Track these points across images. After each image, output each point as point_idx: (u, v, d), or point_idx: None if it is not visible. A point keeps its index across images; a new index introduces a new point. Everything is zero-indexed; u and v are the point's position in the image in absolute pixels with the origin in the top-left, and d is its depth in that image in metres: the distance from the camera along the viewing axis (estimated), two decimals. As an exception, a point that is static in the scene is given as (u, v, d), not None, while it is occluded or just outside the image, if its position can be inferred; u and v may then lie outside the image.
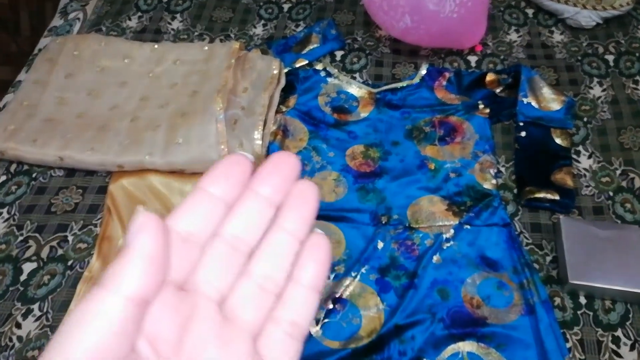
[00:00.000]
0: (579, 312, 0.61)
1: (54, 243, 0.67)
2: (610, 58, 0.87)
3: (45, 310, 0.61)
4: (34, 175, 0.74)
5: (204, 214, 0.19)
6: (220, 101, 0.72)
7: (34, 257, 0.66)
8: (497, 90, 0.80)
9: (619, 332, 0.59)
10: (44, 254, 0.66)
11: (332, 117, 0.79)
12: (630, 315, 0.60)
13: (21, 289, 0.63)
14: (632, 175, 0.72)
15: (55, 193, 0.72)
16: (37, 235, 0.68)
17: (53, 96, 0.79)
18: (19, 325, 0.60)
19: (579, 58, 0.87)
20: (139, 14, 0.97)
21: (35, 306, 0.62)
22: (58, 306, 0.62)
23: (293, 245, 0.20)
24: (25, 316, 0.61)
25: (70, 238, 0.68)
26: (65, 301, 0.62)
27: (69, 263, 0.65)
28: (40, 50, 0.88)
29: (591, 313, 0.61)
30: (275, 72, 0.80)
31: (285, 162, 0.20)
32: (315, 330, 0.59)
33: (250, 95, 0.77)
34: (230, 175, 0.20)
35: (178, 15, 0.96)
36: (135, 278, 0.16)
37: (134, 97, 0.79)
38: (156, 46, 0.84)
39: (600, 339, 0.59)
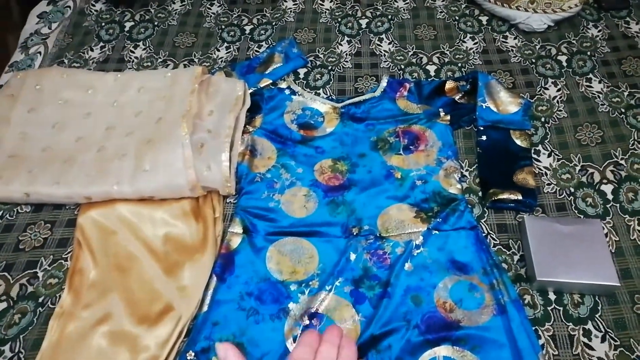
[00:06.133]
0: (549, 308, 0.62)
1: (24, 280, 0.66)
2: (563, 59, 0.90)
3: (17, 350, 0.60)
4: (0, 212, 0.73)
5: None
6: (185, 126, 0.73)
7: (4, 297, 0.65)
8: (457, 97, 0.82)
9: (589, 325, 0.61)
10: (14, 292, 0.65)
11: (299, 134, 0.80)
12: (600, 308, 0.62)
13: (-9, 330, 0.62)
14: (591, 170, 0.75)
15: (23, 229, 0.71)
16: (5, 274, 0.67)
17: (16, 132, 0.78)
18: (-11, 368, 0.59)
19: (533, 60, 0.90)
20: (101, 44, 0.97)
21: (7, 347, 0.60)
22: (30, 345, 0.61)
23: None
24: (-4, 358, 0.60)
25: (40, 274, 0.67)
26: (37, 339, 0.61)
27: (40, 300, 0.65)
28: (1, 86, 0.87)
29: (561, 308, 0.62)
30: (240, 93, 0.81)
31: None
32: (293, 347, 0.59)
33: (216, 118, 0.77)
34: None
35: (141, 43, 0.97)
36: None
37: (99, 128, 0.78)
38: (119, 75, 0.84)
39: (572, 333, 0.60)
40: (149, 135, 0.75)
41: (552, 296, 0.63)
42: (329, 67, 0.91)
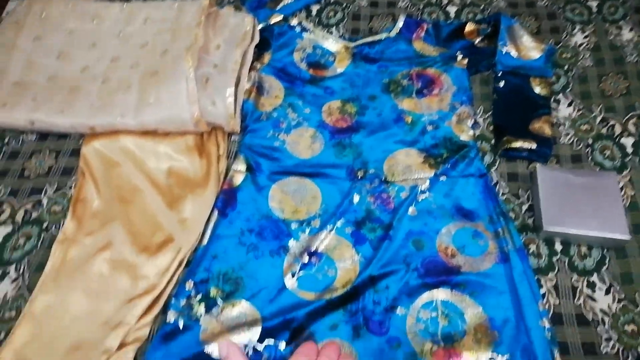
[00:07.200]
0: (554, 259, 0.61)
1: (29, 206, 0.67)
2: (593, 4, 0.84)
3: (21, 271, 0.61)
4: (6, 140, 0.73)
5: None
6: (190, 59, 0.70)
7: (9, 221, 0.66)
8: (476, 41, 0.78)
9: (594, 277, 0.59)
10: (19, 217, 0.66)
11: (308, 73, 0.77)
12: (607, 261, 0.60)
13: (-4, 252, 0.63)
14: (612, 122, 0.71)
15: (29, 157, 0.71)
16: (11, 198, 0.67)
17: (21, 59, 0.77)
18: (-5, 287, 0.60)
19: (562, 5, 0.85)
20: (109, -27, 0.93)
21: (12, 268, 0.62)
22: (34, 267, 0.62)
23: None
24: (1, 278, 0.61)
25: (44, 201, 0.67)
26: (41, 262, 0.62)
27: (44, 225, 0.65)
28: (7, 13, 0.85)
29: (567, 259, 0.61)
30: (249, 28, 0.78)
31: None
32: (291, 282, 0.59)
33: (223, 53, 0.75)
34: None
35: (149, -26, 0.93)
36: None
37: (104, 58, 0.77)
38: (125, 5, 0.82)
39: (575, 284, 0.59)
40: (154, 68, 0.73)
41: (558, 247, 0.61)
42: (344, 5, 0.86)
